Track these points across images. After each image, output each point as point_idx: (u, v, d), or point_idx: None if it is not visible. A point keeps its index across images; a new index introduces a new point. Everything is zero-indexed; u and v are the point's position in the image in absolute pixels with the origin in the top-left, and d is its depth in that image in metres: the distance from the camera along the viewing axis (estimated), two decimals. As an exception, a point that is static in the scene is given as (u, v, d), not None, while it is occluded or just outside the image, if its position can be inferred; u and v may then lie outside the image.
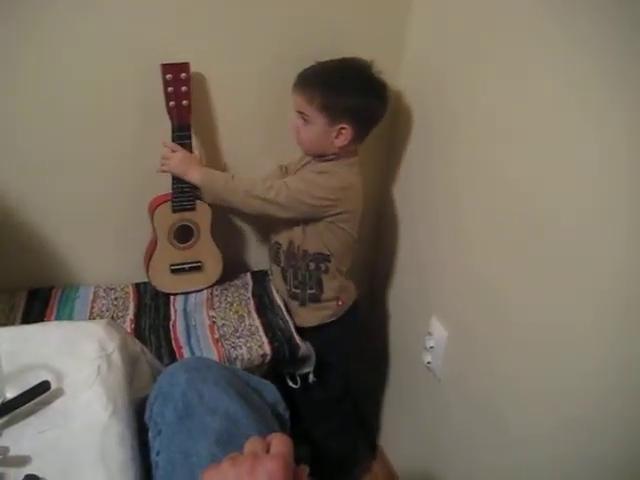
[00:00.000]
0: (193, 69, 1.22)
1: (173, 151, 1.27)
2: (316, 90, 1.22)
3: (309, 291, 1.40)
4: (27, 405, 0.78)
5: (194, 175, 1.28)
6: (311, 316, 1.42)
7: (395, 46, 1.40)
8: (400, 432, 1.71)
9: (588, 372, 0.92)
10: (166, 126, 1.25)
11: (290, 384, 1.38)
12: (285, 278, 1.43)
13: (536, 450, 1.05)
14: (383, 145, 1.52)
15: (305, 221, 1.32)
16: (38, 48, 1.17)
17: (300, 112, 1.26)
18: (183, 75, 1.21)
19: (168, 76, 1.20)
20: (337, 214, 1.29)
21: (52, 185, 1.32)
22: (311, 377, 1.37)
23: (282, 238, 1.39)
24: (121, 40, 1.21)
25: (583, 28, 0.87)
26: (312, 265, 1.36)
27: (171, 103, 1.23)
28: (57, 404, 0.80)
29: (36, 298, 1.38)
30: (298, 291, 1.41)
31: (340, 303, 1.42)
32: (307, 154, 1.35)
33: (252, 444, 0.63)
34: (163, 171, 1.29)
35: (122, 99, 1.27)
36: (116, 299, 1.41)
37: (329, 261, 1.36)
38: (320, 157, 1.32)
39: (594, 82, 0.86)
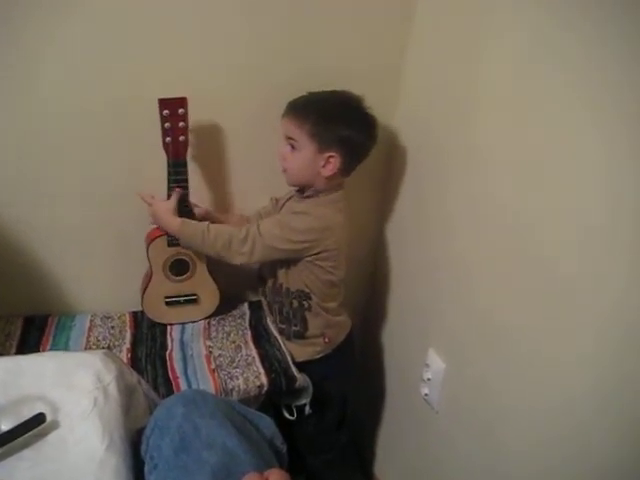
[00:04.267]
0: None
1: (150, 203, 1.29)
2: (308, 116, 1.22)
3: (294, 328, 1.39)
4: (22, 438, 0.77)
5: (170, 228, 1.28)
6: (298, 351, 1.40)
7: (391, 83, 1.42)
8: (397, 463, 1.69)
9: (585, 398, 0.92)
10: (163, 157, 1.24)
11: (286, 416, 1.36)
12: (272, 313, 1.44)
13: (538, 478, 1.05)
14: (379, 178, 1.54)
15: (288, 260, 1.31)
16: (34, 76, 1.19)
17: (289, 137, 1.25)
18: (181, 111, 1.19)
19: (165, 112, 1.18)
20: (317, 254, 1.28)
21: (50, 213, 1.33)
22: (307, 409, 1.36)
23: (267, 274, 1.39)
24: (119, 74, 1.22)
25: (576, 67, 0.89)
26: (295, 303, 1.36)
27: (167, 139, 1.21)
28: (52, 437, 0.79)
29: (32, 326, 1.37)
30: (284, 326, 1.41)
31: (327, 340, 1.41)
32: (290, 183, 1.33)
33: (250, 479, 0.62)
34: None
35: (119, 132, 1.28)
36: (113, 328, 1.41)
37: (310, 299, 1.34)
38: (303, 191, 1.32)
39: (591, 100, 0.87)
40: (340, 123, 1.23)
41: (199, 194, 1.34)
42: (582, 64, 0.88)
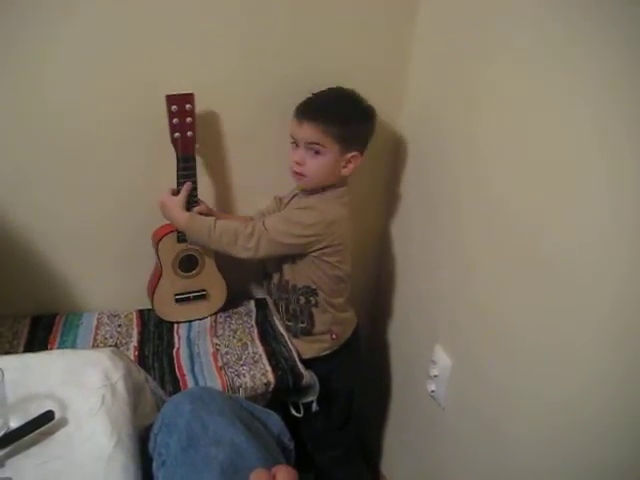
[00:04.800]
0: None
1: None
2: (332, 120, 1.21)
3: (300, 325, 1.39)
4: (31, 435, 0.77)
5: (177, 222, 1.29)
6: (305, 348, 1.40)
7: (397, 83, 1.41)
8: (403, 460, 1.69)
9: (588, 394, 0.92)
10: (171, 154, 1.25)
11: (293, 413, 1.37)
12: (278, 310, 1.44)
13: (545, 475, 1.04)
14: (385, 177, 1.54)
15: (293, 256, 1.32)
16: (37, 75, 1.18)
17: (312, 143, 1.23)
18: (188, 106, 1.20)
19: (173, 107, 1.19)
20: (322, 248, 1.28)
21: (57, 212, 1.33)
22: (314, 406, 1.36)
23: (273, 271, 1.39)
24: (125, 70, 1.22)
25: (576, 67, 0.89)
26: (302, 299, 1.36)
27: (176, 135, 1.22)
28: (61, 434, 0.79)
29: (39, 325, 1.38)
30: (291, 324, 1.41)
31: (334, 337, 1.41)
32: (305, 187, 1.32)
33: (257, 476, 0.62)
34: None
35: (127, 129, 1.28)
36: (120, 326, 1.41)
37: (317, 295, 1.35)
38: (310, 190, 1.31)
39: (593, 110, 0.87)
40: (359, 121, 1.26)
41: (202, 192, 1.33)
42: (582, 64, 0.88)
